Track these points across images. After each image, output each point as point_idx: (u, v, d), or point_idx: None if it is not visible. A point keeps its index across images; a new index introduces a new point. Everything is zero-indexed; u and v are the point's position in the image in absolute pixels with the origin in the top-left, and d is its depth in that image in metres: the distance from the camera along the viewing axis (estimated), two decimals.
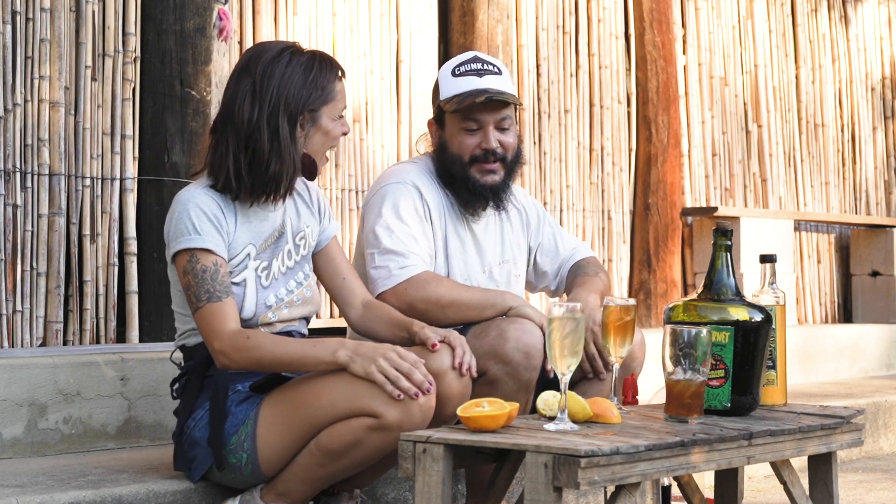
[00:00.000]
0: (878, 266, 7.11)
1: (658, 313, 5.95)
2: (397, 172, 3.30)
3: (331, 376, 2.72)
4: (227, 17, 4.10)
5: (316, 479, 2.75)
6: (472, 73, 3.22)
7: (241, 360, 2.73)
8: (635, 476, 2.39)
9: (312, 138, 2.88)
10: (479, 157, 3.20)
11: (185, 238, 2.77)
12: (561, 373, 2.52)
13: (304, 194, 3.04)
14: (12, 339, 3.70)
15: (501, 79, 3.24)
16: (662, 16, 6.10)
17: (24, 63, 3.76)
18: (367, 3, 4.94)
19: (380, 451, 2.69)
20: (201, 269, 2.76)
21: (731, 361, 2.80)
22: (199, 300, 2.75)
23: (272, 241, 2.91)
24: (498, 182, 3.23)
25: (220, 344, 2.72)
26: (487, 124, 3.20)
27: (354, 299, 3.02)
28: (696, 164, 6.41)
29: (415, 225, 3.17)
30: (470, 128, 3.20)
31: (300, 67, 2.83)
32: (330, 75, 2.87)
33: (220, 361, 2.75)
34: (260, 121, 2.79)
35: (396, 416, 2.63)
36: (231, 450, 2.76)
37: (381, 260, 3.12)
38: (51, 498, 2.67)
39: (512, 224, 3.42)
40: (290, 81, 2.81)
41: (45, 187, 3.79)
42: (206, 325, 2.74)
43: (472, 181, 3.21)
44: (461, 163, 3.21)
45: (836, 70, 7.28)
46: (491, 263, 3.34)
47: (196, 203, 2.80)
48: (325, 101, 2.86)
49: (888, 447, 5.36)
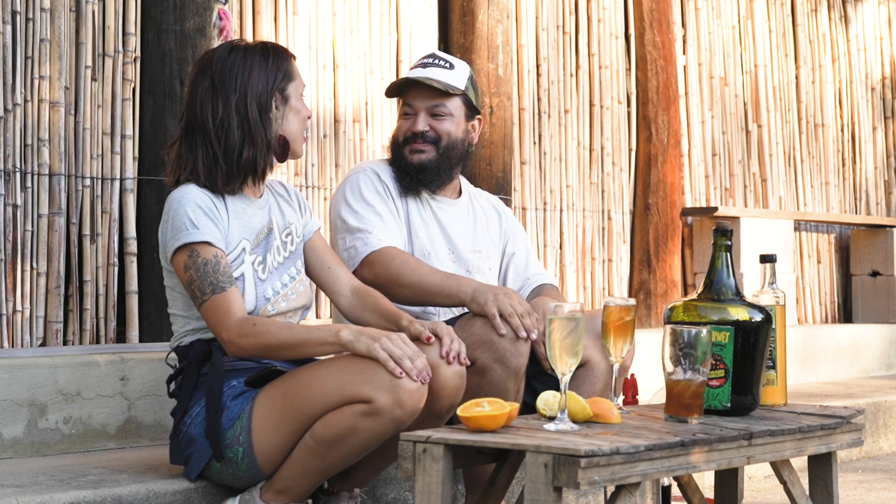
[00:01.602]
0: (878, 266, 7.11)
1: (658, 313, 5.95)
2: (358, 166, 3.49)
3: (322, 366, 2.75)
4: (227, 17, 4.10)
5: (314, 472, 2.75)
6: (419, 66, 3.43)
7: (248, 346, 2.76)
8: (635, 476, 2.39)
9: (287, 118, 2.94)
10: (410, 138, 3.39)
11: (184, 233, 2.80)
12: (561, 373, 2.53)
13: (284, 194, 3.10)
14: (12, 339, 3.70)
15: (448, 73, 3.42)
16: (662, 16, 6.10)
17: (24, 63, 3.76)
18: (367, 3, 4.94)
19: (374, 437, 2.70)
20: (202, 262, 2.78)
21: (731, 361, 2.80)
22: (204, 293, 2.77)
23: (263, 237, 2.95)
24: (425, 161, 3.38)
25: (227, 334, 2.76)
26: (419, 110, 3.39)
27: (342, 287, 3.07)
28: (696, 164, 6.41)
29: (378, 204, 3.31)
30: (406, 112, 3.41)
31: (257, 55, 2.91)
32: (285, 55, 2.96)
33: (229, 350, 2.79)
34: (227, 112, 2.86)
35: (388, 401, 2.64)
36: (227, 444, 2.78)
37: (350, 240, 3.26)
38: (51, 498, 2.67)
39: (487, 220, 3.55)
40: (251, 68, 2.89)
41: (45, 187, 3.79)
42: (213, 317, 2.77)
43: (404, 160, 3.39)
44: (397, 144, 3.42)
45: (836, 70, 7.28)
46: (461, 249, 3.44)
47: (190, 198, 2.83)
48: (289, 80, 2.93)
49: (888, 447, 5.36)
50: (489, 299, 3.05)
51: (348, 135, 4.84)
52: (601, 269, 5.96)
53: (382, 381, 2.64)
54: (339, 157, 4.81)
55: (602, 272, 5.96)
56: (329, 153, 4.79)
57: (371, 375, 2.66)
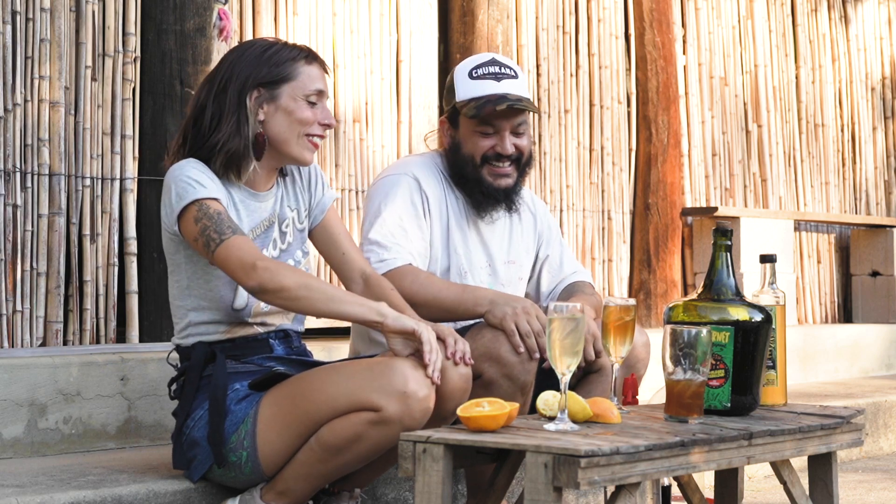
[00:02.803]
0: (878, 266, 7.11)
1: (658, 313, 5.95)
2: (400, 164, 3.31)
3: (331, 371, 2.72)
4: (227, 17, 4.10)
5: (316, 476, 2.74)
6: (490, 77, 3.21)
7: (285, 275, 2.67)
8: (635, 476, 2.39)
9: (274, 118, 2.84)
10: (491, 157, 3.22)
11: (191, 192, 2.74)
12: (561, 373, 2.52)
13: (299, 179, 3.03)
14: (12, 339, 3.70)
15: (518, 83, 3.24)
16: (662, 16, 6.10)
17: (24, 63, 3.76)
18: (367, 3, 4.94)
19: (380, 445, 2.68)
20: (215, 211, 2.72)
21: (731, 361, 2.80)
22: (223, 234, 2.69)
23: (262, 231, 2.91)
24: (511, 185, 3.25)
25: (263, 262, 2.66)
26: (504, 129, 3.21)
27: (354, 273, 3.00)
28: (696, 164, 6.41)
29: (408, 217, 3.17)
30: (486, 131, 3.21)
31: (260, 48, 2.86)
32: (292, 53, 2.86)
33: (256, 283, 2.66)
34: (208, 98, 2.82)
35: (397, 410, 2.62)
36: (231, 448, 2.76)
37: (366, 251, 3.14)
38: (51, 498, 2.67)
39: (523, 226, 3.42)
40: (243, 59, 2.84)
41: (45, 187, 3.79)
42: (237, 258, 2.67)
43: (485, 184, 3.22)
44: (473, 163, 3.22)
45: (836, 70, 7.28)
46: (496, 261, 3.33)
47: (191, 166, 2.80)
48: (285, 79, 2.83)
49: (888, 447, 5.36)
50: (507, 314, 2.98)
51: (348, 135, 4.84)
52: (601, 269, 5.96)
53: (393, 390, 2.61)
54: (339, 158, 4.81)
55: (602, 272, 5.96)
56: (329, 153, 4.78)
57: (383, 383, 2.63)
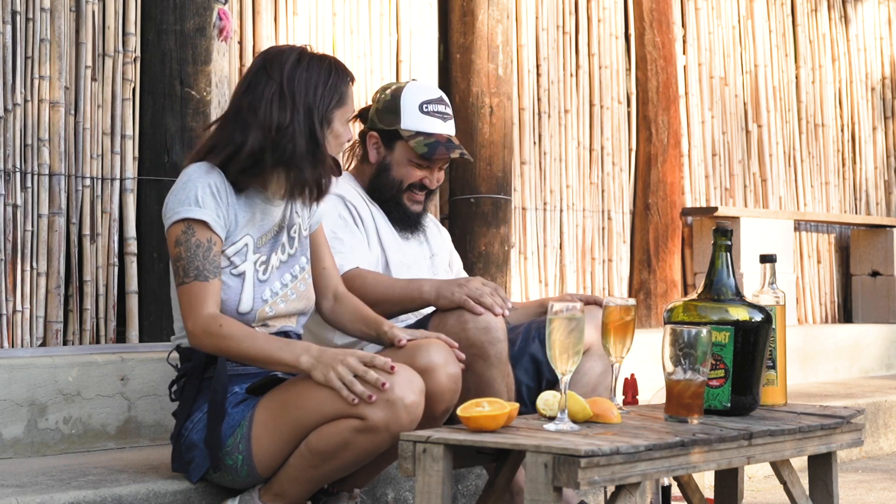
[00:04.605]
0: (878, 266, 7.11)
1: (658, 313, 5.95)
2: None
3: None
4: (227, 17, 4.10)
5: (309, 480, 2.75)
6: (438, 116, 3.45)
7: (209, 345, 2.74)
8: (635, 476, 2.39)
9: (328, 140, 2.89)
10: (416, 186, 3.45)
11: (185, 208, 2.77)
12: (561, 373, 2.53)
13: None
14: (12, 339, 3.70)
15: (453, 124, 3.50)
16: (662, 16, 6.10)
17: (24, 63, 3.76)
18: (367, 3, 4.94)
19: (368, 452, 2.69)
20: (195, 243, 2.76)
21: (731, 361, 2.80)
22: (187, 275, 2.75)
23: (272, 236, 2.92)
24: (421, 210, 3.51)
25: (193, 325, 2.74)
26: (438, 168, 3.47)
27: (328, 291, 3.08)
28: (696, 164, 6.41)
29: (340, 230, 3.32)
30: (422, 165, 3.44)
31: (323, 72, 2.87)
32: (346, 79, 2.91)
33: (190, 340, 2.78)
34: (293, 125, 2.80)
35: (382, 418, 2.62)
36: (227, 451, 2.77)
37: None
38: (51, 498, 2.67)
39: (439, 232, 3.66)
40: (315, 86, 2.84)
41: (45, 187, 3.79)
42: (186, 302, 2.76)
43: (403, 207, 3.46)
44: (399, 188, 3.44)
45: (836, 70, 7.28)
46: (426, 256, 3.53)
47: (205, 177, 2.80)
48: (339, 106, 2.89)
49: (888, 447, 5.36)
50: (455, 290, 3.11)
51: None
52: (601, 269, 5.96)
53: (377, 397, 2.62)
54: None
55: (602, 272, 5.96)
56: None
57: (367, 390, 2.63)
